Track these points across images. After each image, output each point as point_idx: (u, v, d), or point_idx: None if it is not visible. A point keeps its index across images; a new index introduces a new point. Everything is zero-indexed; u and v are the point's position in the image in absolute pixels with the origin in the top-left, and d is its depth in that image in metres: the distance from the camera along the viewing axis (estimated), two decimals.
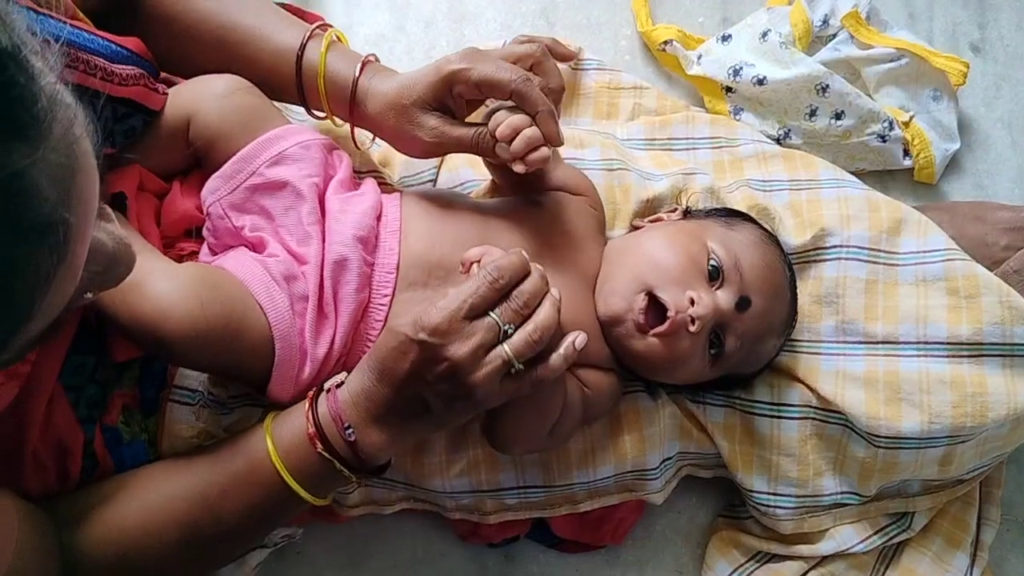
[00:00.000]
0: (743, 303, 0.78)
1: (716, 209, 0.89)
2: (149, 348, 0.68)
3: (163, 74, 0.82)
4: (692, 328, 0.75)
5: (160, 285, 0.66)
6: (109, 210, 0.50)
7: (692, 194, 0.90)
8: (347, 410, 0.69)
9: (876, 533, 0.90)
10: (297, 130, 0.79)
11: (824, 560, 0.91)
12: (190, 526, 0.69)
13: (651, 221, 0.88)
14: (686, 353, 0.77)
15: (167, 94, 0.77)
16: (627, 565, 0.96)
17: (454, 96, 0.76)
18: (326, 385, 0.71)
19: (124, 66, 0.72)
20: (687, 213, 0.87)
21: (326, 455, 0.68)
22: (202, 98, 0.77)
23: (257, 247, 0.76)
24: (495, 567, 0.95)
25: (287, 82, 0.80)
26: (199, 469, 0.71)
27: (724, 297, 0.77)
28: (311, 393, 0.71)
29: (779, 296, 0.81)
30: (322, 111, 0.82)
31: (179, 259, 0.78)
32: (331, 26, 0.83)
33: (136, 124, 0.75)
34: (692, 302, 0.75)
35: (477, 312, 0.67)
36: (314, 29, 0.80)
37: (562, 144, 0.76)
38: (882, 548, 0.92)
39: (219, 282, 0.70)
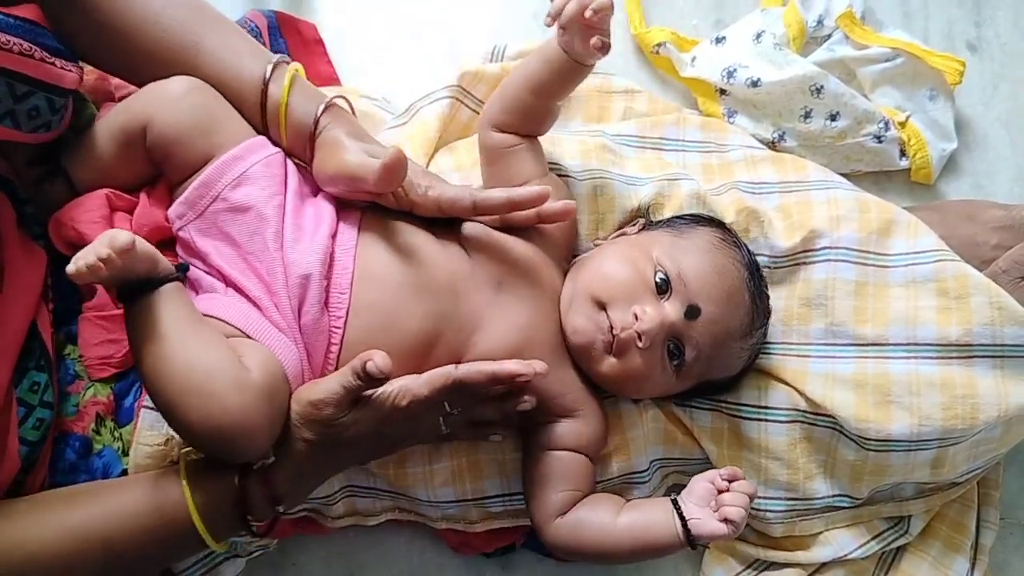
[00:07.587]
0: (691, 311, 0.77)
1: (677, 217, 0.87)
2: (219, 454, 0.69)
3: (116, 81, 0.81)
4: (640, 344, 0.76)
5: (233, 398, 0.65)
6: None
7: (652, 205, 0.89)
8: (280, 488, 0.71)
9: (874, 538, 0.89)
10: (256, 146, 0.77)
11: (823, 567, 0.90)
12: (87, 562, 0.69)
13: (615, 237, 0.87)
14: (643, 368, 0.77)
15: (72, 71, 0.73)
16: (626, 573, 0.95)
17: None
18: (256, 466, 0.71)
19: (15, 37, 0.67)
20: (646, 226, 0.87)
21: (250, 523, 0.71)
22: (158, 102, 0.75)
23: (228, 281, 0.75)
24: None
25: (248, 111, 0.79)
26: (105, 506, 0.70)
27: (672, 308, 0.77)
28: (238, 473, 0.70)
29: (732, 299, 0.80)
30: (278, 144, 0.80)
31: None
32: (290, 60, 0.81)
33: (39, 103, 0.70)
34: (636, 317, 0.75)
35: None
36: (278, 61, 0.78)
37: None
38: (881, 553, 0.91)
39: (278, 388, 0.70)
